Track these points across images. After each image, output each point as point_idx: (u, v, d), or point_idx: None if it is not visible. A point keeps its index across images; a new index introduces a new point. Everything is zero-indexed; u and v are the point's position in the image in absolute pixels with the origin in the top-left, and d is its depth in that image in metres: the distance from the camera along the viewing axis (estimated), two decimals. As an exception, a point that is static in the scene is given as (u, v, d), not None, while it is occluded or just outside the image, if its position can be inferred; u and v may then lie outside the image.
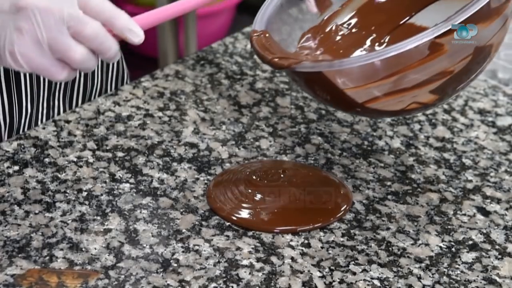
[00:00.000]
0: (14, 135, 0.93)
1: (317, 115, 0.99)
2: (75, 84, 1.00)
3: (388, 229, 0.82)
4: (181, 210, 0.82)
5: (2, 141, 0.92)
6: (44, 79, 0.96)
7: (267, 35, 0.81)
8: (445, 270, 0.77)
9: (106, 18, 0.67)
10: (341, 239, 0.80)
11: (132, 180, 0.86)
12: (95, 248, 0.76)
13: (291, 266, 0.76)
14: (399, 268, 0.77)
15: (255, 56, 1.10)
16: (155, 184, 0.85)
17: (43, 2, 0.64)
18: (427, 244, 0.80)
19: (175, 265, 0.75)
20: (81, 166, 0.87)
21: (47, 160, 0.88)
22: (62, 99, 1.00)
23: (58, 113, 0.98)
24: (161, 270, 0.75)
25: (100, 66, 1.03)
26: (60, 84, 0.98)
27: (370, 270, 0.76)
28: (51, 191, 0.83)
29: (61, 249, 0.76)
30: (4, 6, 0.66)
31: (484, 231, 0.82)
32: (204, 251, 0.77)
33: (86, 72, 0.99)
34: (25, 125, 0.96)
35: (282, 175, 0.87)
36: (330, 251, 0.78)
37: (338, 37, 0.90)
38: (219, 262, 0.76)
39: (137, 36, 0.68)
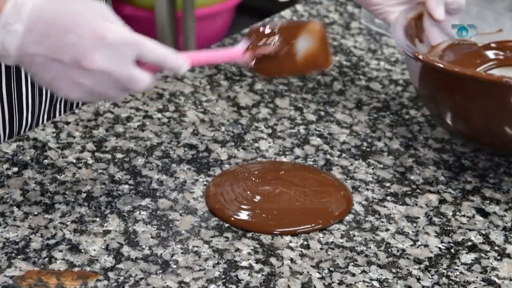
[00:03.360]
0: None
1: (316, 116, 0.99)
2: None
3: (387, 230, 0.82)
4: (180, 212, 0.82)
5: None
6: (46, 91, 0.96)
7: None
8: (444, 271, 0.77)
9: (159, 62, 0.75)
10: (340, 240, 0.80)
11: (131, 182, 0.86)
12: (94, 250, 0.76)
13: (290, 268, 0.76)
14: (398, 269, 0.77)
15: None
16: (154, 185, 0.85)
17: (106, 66, 0.71)
18: (426, 245, 0.80)
19: (174, 266, 0.75)
20: (80, 168, 0.87)
21: (46, 161, 0.88)
22: (64, 108, 1.00)
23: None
24: (161, 271, 0.75)
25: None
26: None
27: (370, 271, 0.76)
28: (50, 192, 0.83)
29: (60, 251, 0.76)
30: (64, 58, 0.71)
31: (483, 232, 0.82)
32: (203, 252, 0.77)
33: None
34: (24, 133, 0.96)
35: (281, 177, 0.86)
36: (329, 252, 0.78)
37: None
38: (218, 263, 0.76)
39: (180, 71, 0.76)
